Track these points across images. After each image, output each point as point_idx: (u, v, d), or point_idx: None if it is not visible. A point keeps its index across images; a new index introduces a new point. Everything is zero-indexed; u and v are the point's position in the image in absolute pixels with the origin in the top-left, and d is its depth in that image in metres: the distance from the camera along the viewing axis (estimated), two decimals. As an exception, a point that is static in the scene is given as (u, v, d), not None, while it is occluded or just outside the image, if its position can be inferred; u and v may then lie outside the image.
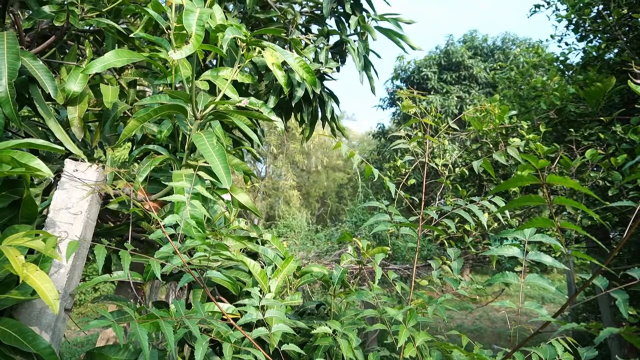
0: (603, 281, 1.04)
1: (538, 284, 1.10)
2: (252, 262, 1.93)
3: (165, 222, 1.22)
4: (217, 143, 1.58)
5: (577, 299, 7.14)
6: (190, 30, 1.31)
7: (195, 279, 1.26)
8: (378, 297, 1.69)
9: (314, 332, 1.45)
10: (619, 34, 3.15)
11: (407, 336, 1.18)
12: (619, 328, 0.90)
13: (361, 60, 2.82)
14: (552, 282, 1.20)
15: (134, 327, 1.08)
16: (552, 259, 1.17)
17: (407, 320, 1.23)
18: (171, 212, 1.61)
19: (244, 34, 1.90)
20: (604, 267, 1.02)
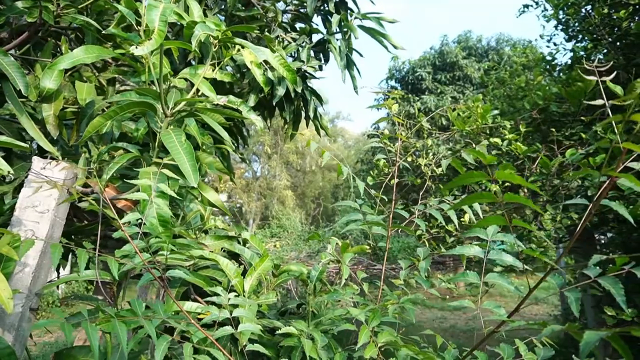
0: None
1: (498, 283, 1.08)
2: (225, 261, 1.92)
3: (124, 221, 1.21)
4: (185, 141, 1.56)
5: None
6: (153, 25, 1.30)
7: (156, 278, 1.25)
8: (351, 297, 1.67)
9: (277, 333, 1.43)
10: (604, 34, 3.15)
11: (368, 336, 1.17)
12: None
13: (343, 59, 2.81)
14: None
15: (85, 327, 1.06)
16: (512, 258, 1.17)
17: (369, 321, 1.22)
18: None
19: (218, 31, 1.89)
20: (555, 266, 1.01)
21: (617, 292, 0.92)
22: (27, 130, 1.99)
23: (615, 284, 0.93)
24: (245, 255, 2.26)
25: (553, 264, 1.06)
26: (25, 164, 2.05)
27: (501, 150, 2.91)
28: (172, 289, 1.97)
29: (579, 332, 0.75)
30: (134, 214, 1.23)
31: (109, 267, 1.55)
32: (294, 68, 2.72)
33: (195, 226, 2.11)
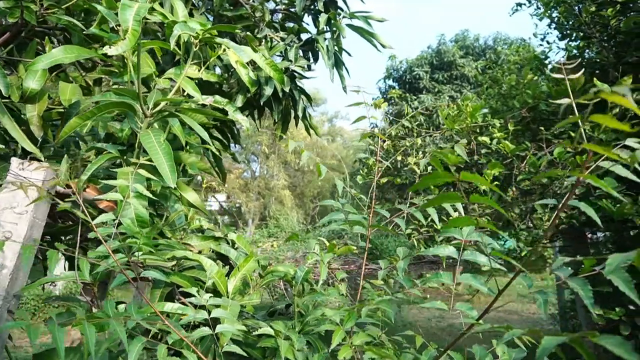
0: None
1: (470, 283, 1.08)
2: (209, 262, 1.91)
3: (97, 221, 1.20)
4: (164, 141, 1.55)
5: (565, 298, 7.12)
6: (127, 25, 1.29)
7: (129, 279, 1.24)
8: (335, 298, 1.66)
9: (254, 334, 1.43)
10: (594, 32, 3.14)
11: (342, 337, 1.16)
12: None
13: (331, 58, 2.80)
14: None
15: (52, 329, 1.06)
16: (486, 258, 1.16)
17: (345, 322, 1.21)
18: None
19: (201, 30, 1.88)
20: (522, 269, 1.00)
21: (585, 295, 0.91)
22: (9, 131, 1.98)
23: (583, 286, 0.92)
24: (231, 256, 2.25)
25: (520, 266, 1.05)
26: (7, 165, 2.04)
27: (490, 149, 2.90)
28: (157, 289, 1.96)
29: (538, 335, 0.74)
30: (107, 214, 1.22)
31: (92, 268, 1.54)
32: (282, 68, 2.71)
33: (179, 226, 2.10)
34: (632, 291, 0.86)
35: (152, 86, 2.26)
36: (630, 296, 0.86)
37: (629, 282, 0.88)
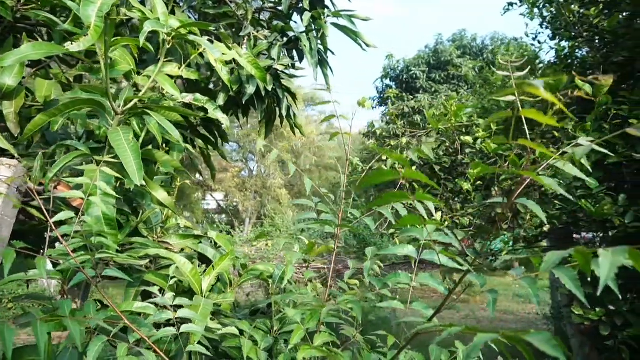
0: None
1: (428, 283, 1.07)
2: (182, 260, 1.90)
3: (56, 219, 1.19)
4: (132, 139, 1.54)
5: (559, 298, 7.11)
6: (89, 21, 1.28)
7: (89, 278, 1.23)
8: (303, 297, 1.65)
9: (218, 333, 1.42)
10: (581, 31, 3.13)
11: (301, 337, 1.15)
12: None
13: (315, 57, 2.79)
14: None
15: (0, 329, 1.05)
16: (446, 258, 1.15)
17: (306, 321, 1.20)
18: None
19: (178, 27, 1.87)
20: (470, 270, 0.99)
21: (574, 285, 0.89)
22: (-17, 128, 1.97)
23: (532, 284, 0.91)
24: (209, 255, 2.24)
25: (469, 267, 1.04)
26: (-18, 162, 2.03)
27: (474, 149, 2.89)
28: (132, 288, 1.95)
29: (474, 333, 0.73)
30: (67, 212, 1.21)
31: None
32: (264, 66, 2.70)
33: (155, 225, 2.09)
34: (579, 289, 0.85)
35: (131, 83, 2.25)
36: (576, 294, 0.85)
37: (576, 280, 0.87)
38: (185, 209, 18.47)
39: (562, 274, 0.85)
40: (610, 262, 0.66)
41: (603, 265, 0.66)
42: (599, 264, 0.66)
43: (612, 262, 0.66)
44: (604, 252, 0.66)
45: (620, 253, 0.66)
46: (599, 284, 0.81)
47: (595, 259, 0.69)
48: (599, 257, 0.66)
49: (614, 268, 0.64)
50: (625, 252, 0.66)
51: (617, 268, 0.66)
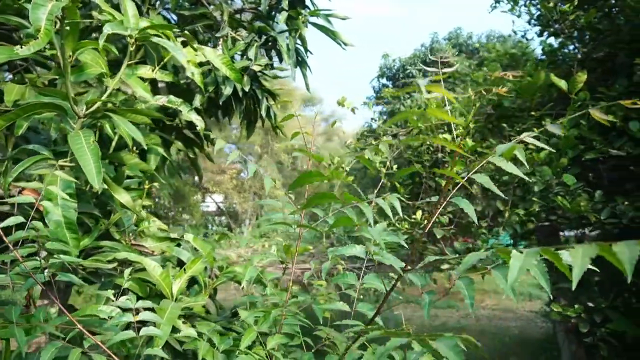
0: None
1: (373, 284, 1.06)
2: (152, 264, 1.89)
3: (4, 225, 1.18)
4: (93, 142, 1.54)
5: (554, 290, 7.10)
6: (39, 25, 1.27)
7: (39, 283, 1.22)
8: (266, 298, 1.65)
9: (176, 336, 1.41)
10: (563, 28, 3.11)
11: (252, 338, 1.14)
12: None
13: (292, 57, 2.78)
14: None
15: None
16: (394, 258, 1.14)
17: (259, 323, 1.19)
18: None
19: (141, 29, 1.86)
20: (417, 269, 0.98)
21: (468, 294, 0.89)
22: (-50, 133, 1.96)
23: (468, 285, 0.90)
24: (183, 258, 2.23)
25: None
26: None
27: (454, 147, 2.86)
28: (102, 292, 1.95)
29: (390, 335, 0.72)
30: (17, 217, 1.21)
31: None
32: (241, 67, 2.69)
33: (127, 227, 2.08)
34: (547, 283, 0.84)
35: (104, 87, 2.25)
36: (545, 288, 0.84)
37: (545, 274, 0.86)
38: (184, 211, 18.47)
39: (536, 269, 0.84)
40: (582, 256, 0.65)
41: (575, 259, 0.65)
42: (572, 260, 0.65)
43: (584, 256, 0.64)
44: (576, 247, 0.65)
45: (590, 249, 0.65)
46: (581, 281, 0.80)
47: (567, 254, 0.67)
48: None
49: (586, 262, 0.63)
50: (595, 248, 0.65)
51: (593, 265, 0.65)
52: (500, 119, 2.92)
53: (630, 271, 0.54)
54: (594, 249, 0.61)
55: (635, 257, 0.55)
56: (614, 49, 2.92)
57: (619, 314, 2.47)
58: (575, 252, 0.60)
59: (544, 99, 2.85)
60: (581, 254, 0.60)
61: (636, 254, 0.55)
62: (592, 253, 0.60)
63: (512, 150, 0.88)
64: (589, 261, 0.60)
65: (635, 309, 2.47)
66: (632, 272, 0.55)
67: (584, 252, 0.60)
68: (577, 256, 0.59)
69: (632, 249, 0.56)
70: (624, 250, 0.56)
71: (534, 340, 9.93)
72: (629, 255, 0.55)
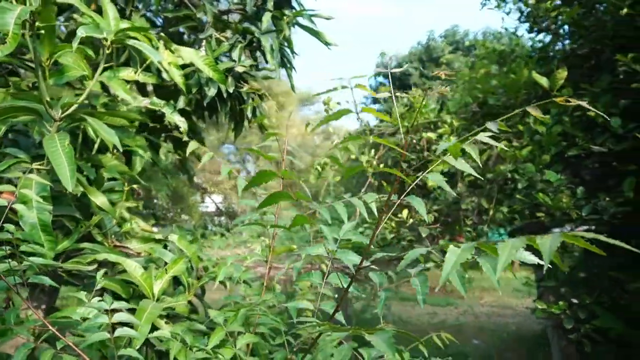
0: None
1: (314, 281, 1.07)
2: (132, 265, 1.90)
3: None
4: (68, 145, 1.54)
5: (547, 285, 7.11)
6: (6, 29, 1.28)
7: (9, 285, 1.23)
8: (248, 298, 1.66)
9: (148, 336, 1.42)
10: (548, 25, 3.12)
11: (220, 337, 1.15)
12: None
13: (276, 57, 2.79)
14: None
15: None
16: (357, 257, 1.15)
17: (229, 322, 1.20)
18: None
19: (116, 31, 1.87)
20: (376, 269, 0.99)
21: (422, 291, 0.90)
22: None
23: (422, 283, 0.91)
24: (166, 258, 2.24)
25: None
26: None
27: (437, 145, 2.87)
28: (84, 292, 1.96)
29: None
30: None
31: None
32: (225, 68, 2.70)
33: (109, 229, 2.09)
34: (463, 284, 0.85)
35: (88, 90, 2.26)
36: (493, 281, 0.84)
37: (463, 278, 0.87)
38: (183, 212, 18.46)
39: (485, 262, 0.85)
40: (510, 248, 0.66)
41: (502, 251, 0.66)
42: (499, 251, 0.65)
43: (512, 248, 0.65)
44: (506, 240, 0.66)
45: (518, 241, 0.66)
46: (566, 278, 0.79)
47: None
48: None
49: (512, 255, 0.64)
50: (523, 240, 0.65)
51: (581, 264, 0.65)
52: (485, 116, 2.93)
53: (547, 260, 0.55)
54: (521, 241, 0.62)
55: (554, 248, 0.56)
56: (599, 45, 2.92)
57: (604, 311, 2.48)
58: (504, 245, 0.61)
59: (530, 96, 2.86)
60: (509, 246, 0.61)
61: (555, 246, 0.56)
62: (519, 245, 0.61)
63: (457, 148, 0.89)
64: (515, 253, 0.61)
65: (620, 305, 2.48)
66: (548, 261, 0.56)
67: (512, 244, 0.61)
68: (504, 248, 0.60)
69: (553, 241, 0.57)
70: (546, 242, 0.57)
71: (532, 336, 9.92)
72: (549, 246, 0.56)
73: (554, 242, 0.57)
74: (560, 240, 0.58)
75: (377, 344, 0.59)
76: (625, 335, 2.40)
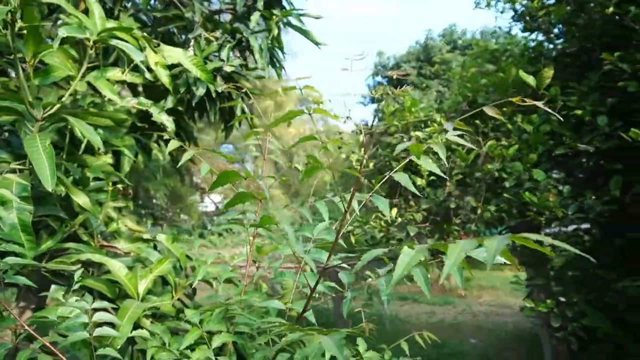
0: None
1: (288, 281, 1.07)
2: (116, 265, 1.90)
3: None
4: (48, 145, 1.55)
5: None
6: (-18, 29, 1.28)
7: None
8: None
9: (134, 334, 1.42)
10: (539, 24, 3.12)
11: (195, 337, 1.16)
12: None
13: (265, 57, 2.79)
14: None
15: None
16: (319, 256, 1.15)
17: (204, 322, 1.21)
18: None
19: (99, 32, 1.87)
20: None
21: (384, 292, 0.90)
22: None
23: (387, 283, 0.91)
24: (152, 258, 2.24)
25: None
26: None
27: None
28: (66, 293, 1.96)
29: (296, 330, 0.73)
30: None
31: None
32: (213, 67, 2.70)
33: (95, 228, 2.09)
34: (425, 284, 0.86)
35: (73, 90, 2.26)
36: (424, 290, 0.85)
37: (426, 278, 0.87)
38: (182, 211, 18.47)
39: (415, 271, 0.85)
40: (459, 250, 0.66)
41: (451, 253, 0.66)
42: (448, 253, 0.66)
43: (461, 250, 0.65)
44: (457, 242, 0.66)
45: (469, 242, 0.66)
46: (555, 276, 0.78)
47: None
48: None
49: (462, 256, 0.64)
50: (474, 242, 0.66)
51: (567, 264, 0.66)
52: (474, 115, 2.92)
53: (491, 260, 0.56)
54: (472, 242, 0.62)
55: (500, 249, 0.56)
56: (590, 44, 2.92)
57: (593, 309, 2.48)
58: (454, 246, 0.61)
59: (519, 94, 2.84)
60: (460, 247, 0.61)
61: (501, 248, 0.56)
62: (470, 246, 0.62)
63: (419, 148, 0.89)
64: (464, 254, 0.61)
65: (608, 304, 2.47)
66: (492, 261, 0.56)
67: (463, 245, 0.61)
68: (454, 249, 0.60)
69: (500, 242, 0.57)
70: (492, 243, 0.57)
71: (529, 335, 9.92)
72: (494, 248, 0.56)
73: (501, 243, 0.57)
74: (507, 241, 0.59)
75: (326, 346, 0.59)
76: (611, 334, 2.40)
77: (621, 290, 2.25)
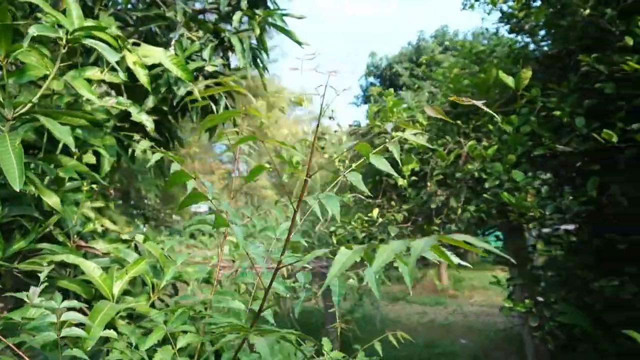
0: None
1: (248, 281, 1.07)
2: (91, 266, 1.89)
3: None
4: (18, 145, 1.54)
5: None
6: (-52, 28, 1.27)
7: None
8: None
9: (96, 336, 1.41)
10: (523, 25, 3.13)
11: (158, 338, 1.15)
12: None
13: (247, 57, 2.79)
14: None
15: None
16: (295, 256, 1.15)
17: (169, 322, 1.20)
18: None
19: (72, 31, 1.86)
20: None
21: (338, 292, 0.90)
22: None
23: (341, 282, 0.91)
24: (130, 259, 2.23)
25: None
26: None
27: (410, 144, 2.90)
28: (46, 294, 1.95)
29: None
30: None
31: None
32: (195, 67, 2.70)
33: (70, 229, 2.08)
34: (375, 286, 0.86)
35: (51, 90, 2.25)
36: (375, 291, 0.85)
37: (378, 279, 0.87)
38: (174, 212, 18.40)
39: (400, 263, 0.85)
40: (422, 245, 0.66)
41: (413, 250, 0.66)
42: (377, 254, 0.66)
43: (425, 245, 0.66)
44: (391, 242, 0.66)
45: (401, 243, 0.66)
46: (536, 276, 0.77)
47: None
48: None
49: (390, 256, 0.64)
50: (405, 243, 0.66)
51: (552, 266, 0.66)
52: (457, 116, 2.94)
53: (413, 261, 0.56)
54: (402, 243, 0.62)
55: (425, 250, 0.57)
56: (572, 46, 2.93)
57: (573, 309, 2.49)
58: (383, 248, 0.61)
59: (502, 96, 2.87)
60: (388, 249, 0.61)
61: (426, 248, 0.56)
62: (399, 247, 0.62)
63: (367, 147, 0.89)
64: (392, 255, 0.61)
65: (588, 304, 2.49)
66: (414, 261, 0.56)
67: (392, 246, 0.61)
68: (383, 251, 0.60)
69: (426, 244, 0.57)
70: (418, 244, 0.57)
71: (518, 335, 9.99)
72: (420, 248, 0.56)
73: (426, 245, 0.57)
74: (434, 242, 0.59)
75: (259, 347, 0.59)
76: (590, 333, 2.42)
77: (598, 290, 2.26)
